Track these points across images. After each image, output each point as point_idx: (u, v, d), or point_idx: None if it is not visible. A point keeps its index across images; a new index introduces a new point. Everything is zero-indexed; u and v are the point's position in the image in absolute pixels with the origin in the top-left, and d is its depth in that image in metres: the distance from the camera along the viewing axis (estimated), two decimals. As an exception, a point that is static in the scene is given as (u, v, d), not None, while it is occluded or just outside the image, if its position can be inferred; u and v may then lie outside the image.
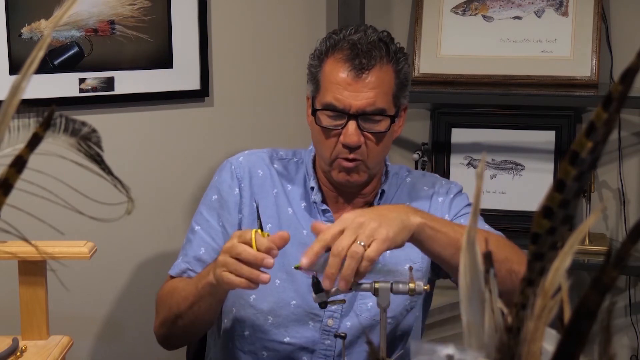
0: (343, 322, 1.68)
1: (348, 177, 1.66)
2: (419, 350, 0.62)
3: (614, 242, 2.50)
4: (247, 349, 1.70)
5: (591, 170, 0.59)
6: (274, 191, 1.75)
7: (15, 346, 1.54)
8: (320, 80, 1.65)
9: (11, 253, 1.56)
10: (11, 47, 2.07)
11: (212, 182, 1.81)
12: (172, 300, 1.67)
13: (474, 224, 0.65)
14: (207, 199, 1.79)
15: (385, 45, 1.63)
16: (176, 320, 1.66)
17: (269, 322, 1.68)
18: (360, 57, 1.60)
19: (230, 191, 1.75)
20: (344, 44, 1.63)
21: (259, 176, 1.76)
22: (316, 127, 1.65)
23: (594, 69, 2.40)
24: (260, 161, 1.78)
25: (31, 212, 0.76)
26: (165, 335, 1.74)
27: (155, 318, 1.76)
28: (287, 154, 1.81)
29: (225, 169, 1.79)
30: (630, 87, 0.57)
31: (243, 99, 2.44)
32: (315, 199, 1.72)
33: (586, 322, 0.57)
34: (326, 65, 1.64)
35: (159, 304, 1.75)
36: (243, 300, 1.70)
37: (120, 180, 0.78)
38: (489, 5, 2.51)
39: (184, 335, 1.75)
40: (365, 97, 1.60)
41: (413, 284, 1.39)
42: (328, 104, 1.62)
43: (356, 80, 1.60)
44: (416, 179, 1.80)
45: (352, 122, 1.61)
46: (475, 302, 0.65)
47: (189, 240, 1.77)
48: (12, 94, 0.67)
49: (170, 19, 2.26)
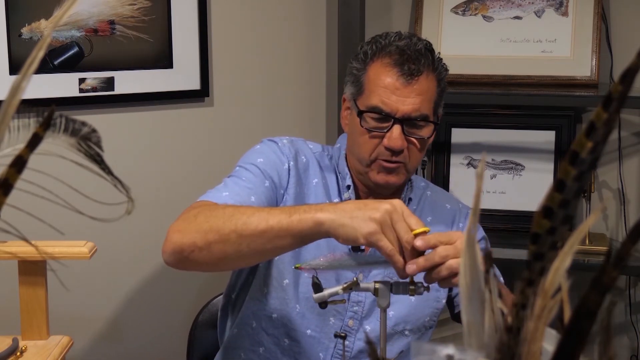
0: (363, 325, 1.69)
1: (387, 178, 1.66)
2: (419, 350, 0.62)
3: (614, 242, 2.50)
4: (271, 332, 1.70)
5: (591, 170, 0.59)
6: (314, 181, 1.73)
7: (15, 346, 1.54)
8: (364, 83, 1.66)
9: (11, 253, 1.56)
10: (11, 47, 2.07)
11: (252, 151, 1.71)
12: (234, 214, 1.44)
13: (474, 223, 0.65)
14: (250, 159, 1.69)
15: (431, 54, 1.66)
16: (229, 236, 1.43)
17: (296, 310, 1.68)
18: (409, 63, 1.62)
19: (280, 163, 1.68)
20: (391, 49, 1.64)
21: (302, 162, 1.73)
22: (357, 128, 1.66)
23: (594, 69, 2.40)
24: (304, 147, 1.76)
25: (31, 212, 0.76)
26: (191, 244, 1.46)
27: (182, 222, 1.50)
28: (317, 147, 1.80)
29: (270, 145, 1.72)
30: (630, 87, 0.57)
31: (243, 99, 2.44)
32: (351, 197, 1.72)
33: (586, 322, 0.57)
34: (372, 69, 1.65)
35: (200, 210, 1.50)
36: (277, 283, 1.68)
37: (120, 180, 0.78)
38: (489, 5, 2.51)
39: (215, 257, 1.46)
40: (412, 102, 1.62)
41: (413, 284, 1.39)
42: (374, 107, 1.63)
43: (405, 86, 1.62)
44: (436, 195, 1.83)
45: (397, 127, 1.62)
46: (475, 302, 0.65)
47: (235, 184, 1.63)
48: (12, 94, 0.67)
49: (170, 19, 2.26)
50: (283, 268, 1.68)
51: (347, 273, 1.65)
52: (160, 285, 2.37)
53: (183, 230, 1.48)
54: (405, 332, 1.71)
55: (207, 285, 2.35)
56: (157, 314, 2.39)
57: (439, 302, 1.74)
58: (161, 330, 2.40)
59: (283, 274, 1.68)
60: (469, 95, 2.41)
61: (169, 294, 2.39)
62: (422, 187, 1.82)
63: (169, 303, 2.40)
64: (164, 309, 2.40)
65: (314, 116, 2.57)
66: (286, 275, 1.68)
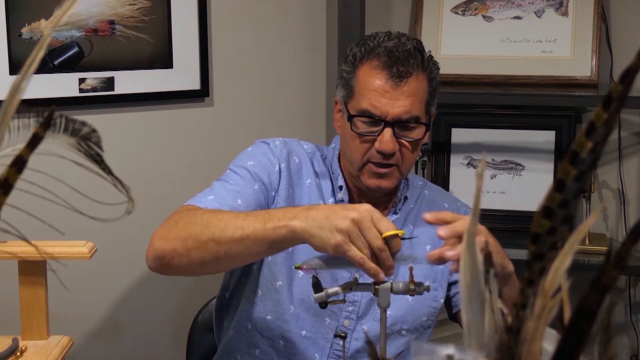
0: (359, 325, 1.68)
1: (379, 182, 1.65)
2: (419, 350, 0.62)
3: (614, 242, 2.50)
4: (266, 334, 1.69)
5: (591, 170, 0.59)
6: (307, 181, 1.73)
7: (15, 346, 1.54)
8: (354, 86, 1.65)
9: (11, 253, 1.56)
10: (11, 47, 2.07)
11: (243, 154, 1.72)
12: (211, 221, 1.47)
13: (474, 224, 0.65)
14: (241, 162, 1.70)
15: (420, 54, 1.64)
16: (206, 244, 1.45)
17: (291, 311, 1.67)
18: (397, 65, 1.61)
19: (270, 165, 1.69)
20: (379, 51, 1.63)
21: (295, 163, 1.73)
22: (348, 132, 1.65)
23: (594, 69, 2.40)
24: (297, 147, 1.76)
25: (31, 212, 0.76)
26: (171, 251, 1.49)
27: (164, 229, 1.53)
28: (310, 147, 1.79)
29: (262, 146, 1.73)
30: (630, 87, 0.57)
31: (243, 99, 2.44)
32: (344, 198, 1.71)
33: (586, 322, 0.57)
34: (361, 72, 1.64)
35: (181, 216, 1.53)
36: (270, 284, 1.68)
37: (120, 180, 0.78)
38: (489, 5, 2.50)
39: (194, 263, 1.49)
40: (402, 105, 1.61)
41: (413, 284, 1.39)
42: (364, 111, 1.62)
43: (394, 88, 1.61)
44: (434, 193, 1.82)
45: (388, 130, 1.61)
46: (475, 302, 0.65)
47: (222, 187, 1.64)
48: (12, 94, 0.67)
49: (170, 19, 2.26)
50: (276, 270, 1.67)
51: (344, 272, 1.65)
52: (160, 286, 2.37)
53: (164, 237, 1.51)
54: (402, 332, 1.70)
55: (206, 286, 2.35)
56: (157, 314, 2.39)
57: (436, 302, 1.73)
58: (161, 330, 2.40)
59: (276, 275, 1.67)
60: (469, 95, 2.41)
61: (168, 294, 2.39)
62: (419, 186, 1.82)
63: (168, 303, 2.40)
64: (163, 309, 2.40)
65: (314, 116, 2.57)
66: (279, 276, 1.67)
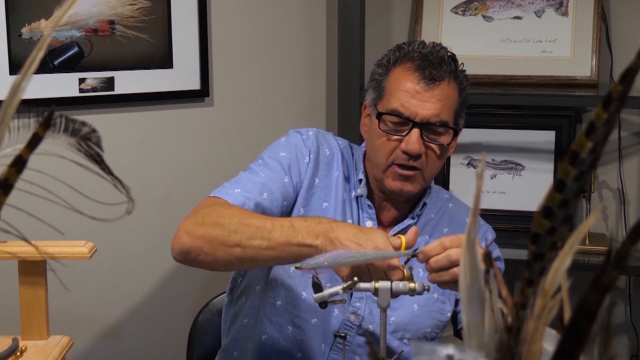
0: (364, 323, 1.69)
1: (402, 186, 1.66)
2: (419, 350, 0.62)
3: (614, 242, 2.49)
4: (275, 319, 1.70)
5: (591, 170, 0.59)
6: (336, 174, 1.74)
7: (15, 346, 1.54)
8: (385, 87, 1.67)
9: (11, 253, 1.56)
10: (11, 47, 2.07)
11: (277, 144, 1.75)
12: (238, 227, 1.51)
13: (474, 223, 0.65)
14: (274, 153, 1.72)
15: (453, 62, 1.67)
16: (233, 249, 1.51)
17: (302, 297, 1.68)
18: (430, 68, 1.63)
19: (301, 157, 1.72)
20: (414, 55, 1.65)
21: (325, 154, 1.75)
22: (376, 132, 1.66)
23: (594, 69, 2.40)
24: (331, 140, 1.78)
25: (31, 212, 0.76)
26: (197, 249, 1.53)
27: (191, 224, 1.56)
28: (344, 143, 1.81)
29: (295, 137, 1.75)
30: (630, 87, 0.57)
31: (243, 99, 2.44)
32: (362, 192, 1.73)
33: (586, 322, 0.57)
34: (393, 73, 1.66)
35: (208, 213, 1.57)
36: (282, 269, 1.69)
37: (120, 180, 0.78)
38: (489, 5, 2.50)
39: (219, 263, 1.55)
40: (432, 107, 1.62)
41: (413, 284, 1.39)
42: (394, 110, 1.64)
43: (425, 90, 1.62)
44: (457, 208, 1.81)
45: (416, 130, 1.62)
46: (475, 302, 0.65)
47: (250, 179, 1.66)
48: (12, 94, 0.67)
49: (170, 19, 2.26)
50: None
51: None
52: (160, 285, 2.37)
53: (191, 232, 1.55)
54: (404, 341, 1.70)
55: (207, 286, 2.35)
56: (157, 314, 2.39)
57: (443, 315, 1.73)
58: (161, 330, 2.40)
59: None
60: (469, 95, 2.41)
61: (169, 294, 2.39)
62: (445, 198, 1.82)
63: (169, 303, 2.40)
64: (164, 309, 2.40)
65: (314, 116, 2.57)
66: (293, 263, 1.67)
